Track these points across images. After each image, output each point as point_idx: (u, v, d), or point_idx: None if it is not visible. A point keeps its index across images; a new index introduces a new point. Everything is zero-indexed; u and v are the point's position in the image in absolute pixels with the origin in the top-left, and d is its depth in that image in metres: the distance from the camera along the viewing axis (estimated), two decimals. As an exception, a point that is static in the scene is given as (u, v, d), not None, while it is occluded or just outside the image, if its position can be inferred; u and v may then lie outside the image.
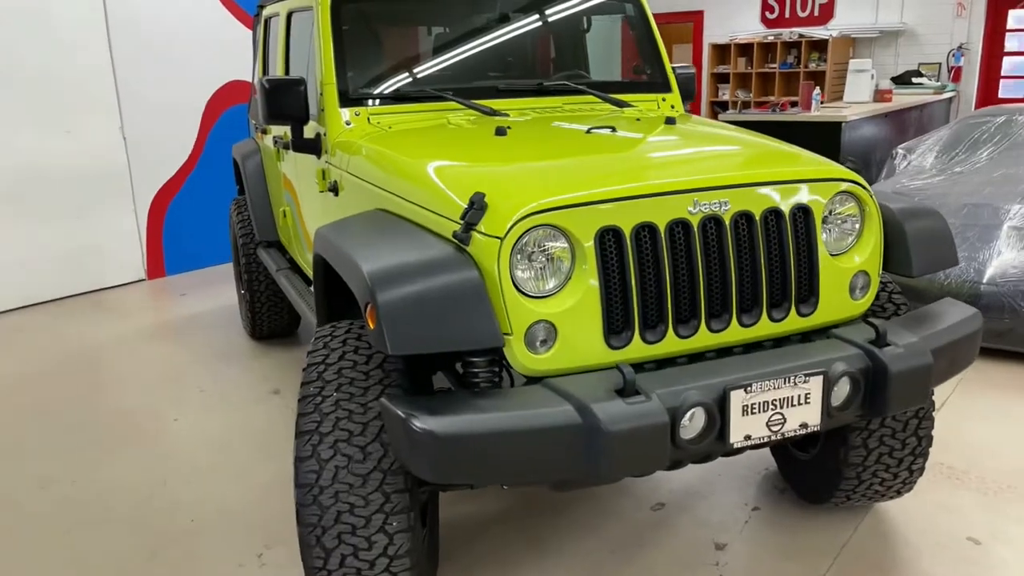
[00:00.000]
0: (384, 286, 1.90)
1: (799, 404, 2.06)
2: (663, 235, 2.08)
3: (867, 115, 6.97)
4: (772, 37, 10.09)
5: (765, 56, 10.29)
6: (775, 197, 2.21)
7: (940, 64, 9.21)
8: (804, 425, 2.08)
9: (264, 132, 4.30)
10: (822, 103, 7.64)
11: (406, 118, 2.98)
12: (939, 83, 8.91)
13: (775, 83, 10.18)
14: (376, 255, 2.06)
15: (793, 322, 2.27)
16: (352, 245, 2.18)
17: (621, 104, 3.25)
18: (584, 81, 3.36)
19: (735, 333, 2.20)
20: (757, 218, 2.18)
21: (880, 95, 7.89)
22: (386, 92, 3.05)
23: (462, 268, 1.95)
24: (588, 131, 2.64)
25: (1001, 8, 9.01)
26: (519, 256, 2.00)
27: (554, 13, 3.58)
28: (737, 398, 1.98)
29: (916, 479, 2.72)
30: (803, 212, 2.25)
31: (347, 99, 2.99)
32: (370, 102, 3.00)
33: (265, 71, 4.38)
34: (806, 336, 2.32)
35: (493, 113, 3.00)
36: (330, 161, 2.98)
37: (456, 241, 2.03)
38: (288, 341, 4.96)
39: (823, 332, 2.33)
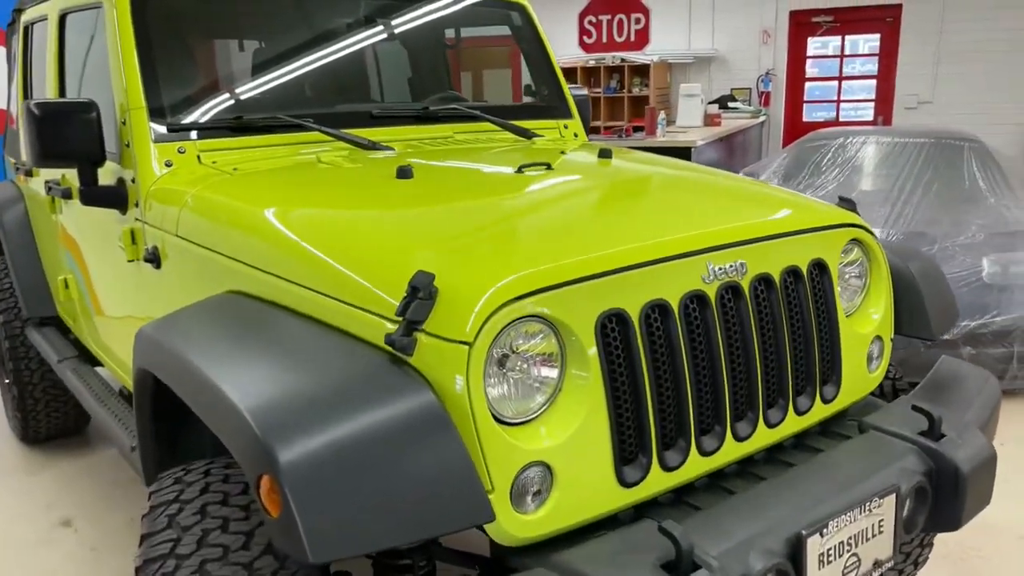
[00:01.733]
0: (290, 443, 1.14)
1: (872, 537, 1.53)
2: (677, 315, 1.48)
3: (711, 139, 6.91)
4: (594, 62, 10.01)
5: (588, 80, 10.20)
6: (791, 252, 1.69)
7: (750, 89, 9.55)
8: (877, 563, 1.55)
9: (29, 174, 3.22)
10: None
11: (252, 155, 2.17)
12: (753, 107, 9.21)
13: (600, 108, 10.10)
14: (261, 381, 1.28)
15: (818, 411, 1.75)
16: (212, 362, 1.36)
17: (525, 133, 2.64)
18: (476, 105, 2.71)
19: (762, 438, 1.64)
20: (776, 281, 1.64)
21: (711, 119, 7.95)
22: (221, 119, 2.21)
23: (414, 393, 1.23)
24: (519, 170, 1.99)
25: (802, 36, 9.52)
26: (491, 366, 1.31)
27: (425, 25, 2.90)
28: (813, 546, 1.41)
29: (919, 571, 2.31)
30: (818, 269, 1.75)
31: (170, 128, 2.12)
32: (197, 134, 2.15)
33: (26, 95, 3.30)
34: (824, 429, 1.82)
35: (372, 146, 2.26)
36: (144, 219, 2.09)
37: (389, 349, 1.30)
38: (76, 444, 3.81)
39: (837, 421, 1.85)
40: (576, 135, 2.89)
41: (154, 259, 2.03)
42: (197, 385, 1.34)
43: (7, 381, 3.74)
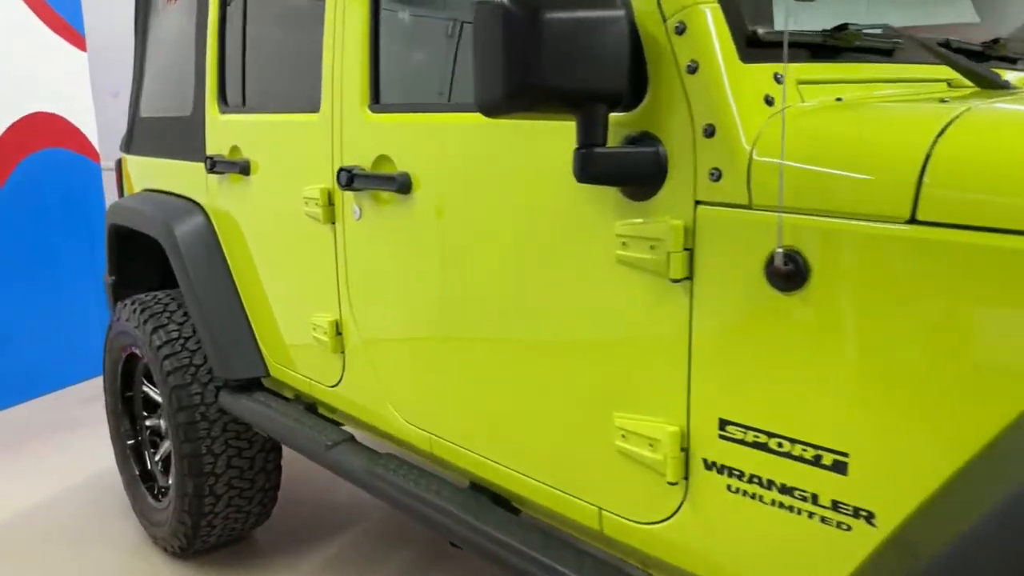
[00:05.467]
0: None
1: None
2: None
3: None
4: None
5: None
6: None
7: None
8: None
9: (246, 170, 2.20)
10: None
11: (855, 90, 1.23)
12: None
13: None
14: None
15: None
16: None
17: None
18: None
19: None
20: None
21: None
22: (815, 32, 1.26)
23: None
24: None
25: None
26: None
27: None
28: None
29: None
30: None
31: (752, 42, 1.17)
32: (789, 53, 1.21)
33: (222, 56, 2.31)
34: None
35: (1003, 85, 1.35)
36: (748, 201, 1.11)
37: None
38: (245, 553, 2.74)
39: None
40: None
41: (795, 273, 1.05)
42: None
43: (166, 469, 2.69)
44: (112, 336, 2.76)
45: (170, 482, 2.75)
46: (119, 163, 3.11)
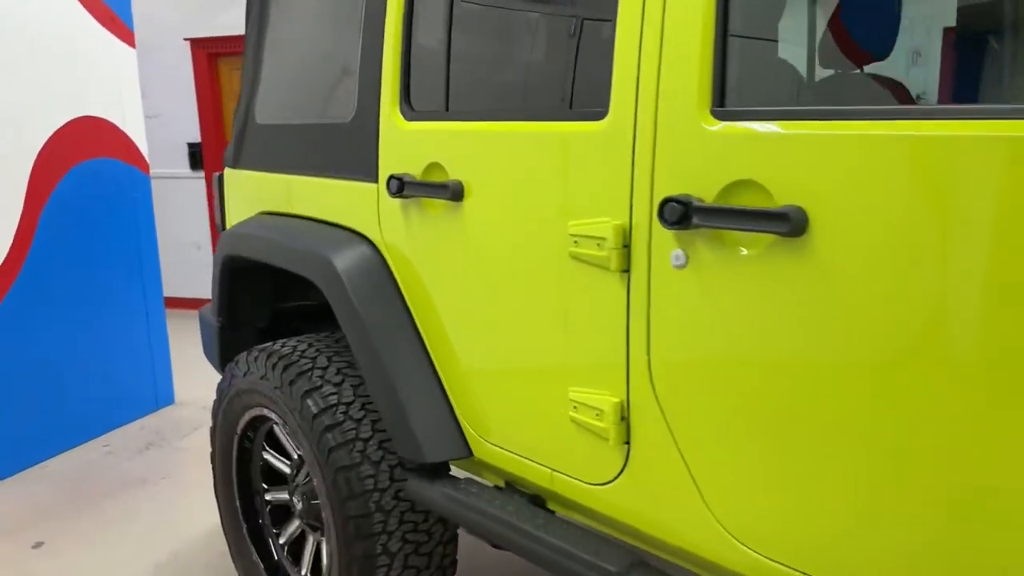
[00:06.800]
0: None
1: None
2: None
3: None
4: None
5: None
6: None
7: (903, 116, 8.52)
8: None
9: (458, 195, 1.67)
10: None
11: None
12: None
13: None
14: None
15: None
16: None
17: None
18: None
19: None
20: None
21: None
22: None
23: None
24: None
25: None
26: None
27: None
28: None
29: None
30: None
31: None
32: None
33: (408, 44, 1.80)
34: None
35: None
36: None
37: None
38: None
39: None
40: None
41: None
42: None
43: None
44: (233, 394, 2.23)
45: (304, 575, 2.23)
46: (219, 179, 2.58)
